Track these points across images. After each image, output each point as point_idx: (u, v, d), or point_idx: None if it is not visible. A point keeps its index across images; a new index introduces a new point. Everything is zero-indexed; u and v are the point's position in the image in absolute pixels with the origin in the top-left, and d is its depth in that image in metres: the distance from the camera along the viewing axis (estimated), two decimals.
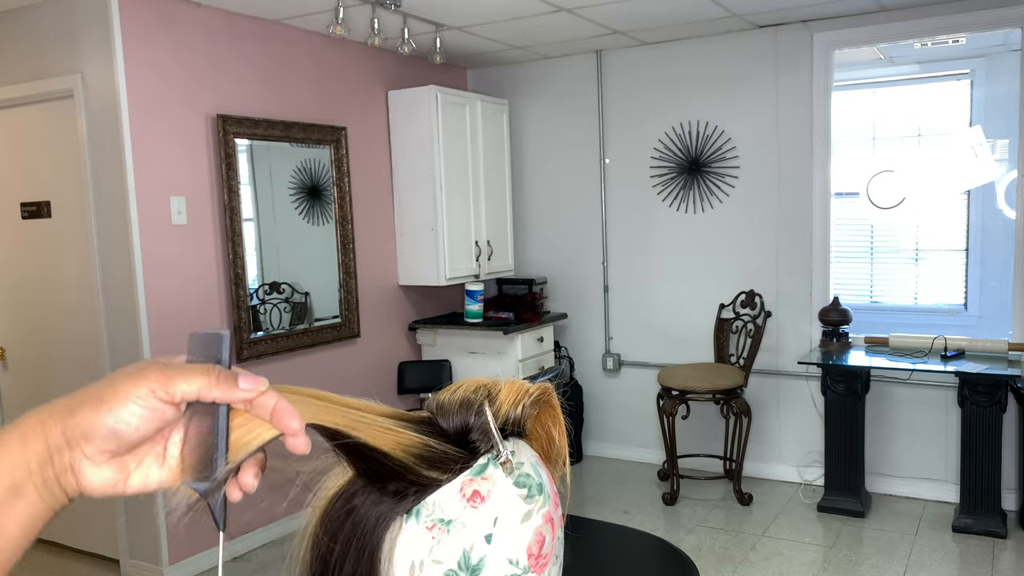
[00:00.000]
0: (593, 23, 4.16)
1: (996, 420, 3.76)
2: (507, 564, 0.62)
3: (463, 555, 0.60)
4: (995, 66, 5.24)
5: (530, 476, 0.64)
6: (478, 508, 0.61)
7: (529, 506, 0.63)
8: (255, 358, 3.81)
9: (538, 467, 0.65)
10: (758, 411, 4.53)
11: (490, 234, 4.88)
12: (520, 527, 0.62)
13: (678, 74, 4.66)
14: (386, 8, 3.66)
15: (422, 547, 0.60)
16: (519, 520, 0.63)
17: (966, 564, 3.56)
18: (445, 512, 0.60)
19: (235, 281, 3.72)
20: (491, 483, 0.62)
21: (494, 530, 0.61)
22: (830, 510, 4.11)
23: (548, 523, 0.64)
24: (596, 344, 5.06)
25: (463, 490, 0.61)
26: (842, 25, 4.21)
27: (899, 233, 5.77)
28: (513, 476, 0.63)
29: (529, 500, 0.63)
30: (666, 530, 4.00)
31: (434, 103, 4.44)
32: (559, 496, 0.67)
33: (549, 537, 0.64)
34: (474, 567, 0.60)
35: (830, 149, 4.36)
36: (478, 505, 0.61)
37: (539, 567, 0.63)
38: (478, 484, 0.61)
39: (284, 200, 4.07)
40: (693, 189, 4.68)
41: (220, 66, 3.65)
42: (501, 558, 0.61)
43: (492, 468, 0.62)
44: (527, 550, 0.63)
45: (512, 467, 0.63)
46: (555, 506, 0.66)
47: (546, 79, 5.07)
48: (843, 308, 4.26)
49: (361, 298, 4.42)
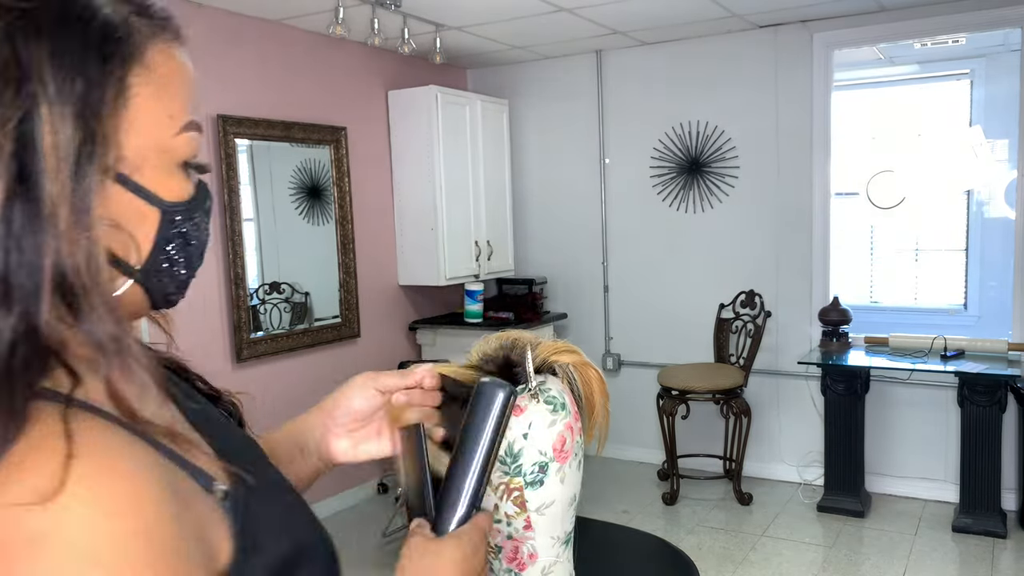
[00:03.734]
0: (593, 23, 4.16)
1: (996, 420, 3.76)
2: (538, 454, 0.87)
3: (508, 446, 0.86)
4: (995, 66, 5.24)
5: (556, 398, 0.90)
6: (518, 417, 0.87)
7: (554, 416, 0.88)
8: (255, 358, 3.81)
9: (563, 393, 0.91)
10: (758, 411, 4.53)
11: (490, 234, 4.88)
12: (548, 430, 0.88)
13: (678, 74, 4.66)
14: (386, 8, 3.66)
15: None
16: (547, 425, 0.88)
17: (966, 564, 3.56)
18: None
19: (235, 281, 3.72)
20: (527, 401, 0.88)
21: (529, 431, 0.87)
22: (830, 510, 4.11)
23: (568, 430, 0.90)
24: (596, 344, 5.05)
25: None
26: (842, 25, 4.21)
27: (899, 233, 5.78)
28: (543, 396, 0.89)
29: (554, 413, 0.89)
30: (666, 530, 4.00)
31: (434, 103, 4.44)
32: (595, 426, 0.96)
33: (569, 439, 0.90)
34: (515, 454, 0.86)
35: (830, 149, 4.36)
36: (518, 415, 0.87)
37: (562, 458, 0.89)
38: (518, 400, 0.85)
39: (284, 200, 4.07)
40: (693, 189, 4.68)
41: (220, 66, 3.65)
42: (534, 450, 0.87)
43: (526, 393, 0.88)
44: (552, 446, 0.88)
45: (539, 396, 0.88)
46: (575, 419, 0.91)
47: (546, 79, 5.07)
48: (843, 308, 4.26)
49: (361, 298, 4.42)
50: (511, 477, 0.87)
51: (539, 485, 0.87)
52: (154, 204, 0.59)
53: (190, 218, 0.63)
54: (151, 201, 0.59)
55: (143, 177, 0.59)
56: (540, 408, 0.88)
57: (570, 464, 0.90)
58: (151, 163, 0.59)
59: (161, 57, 0.60)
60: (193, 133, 0.62)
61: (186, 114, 0.62)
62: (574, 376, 0.95)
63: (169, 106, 0.60)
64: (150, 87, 0.58)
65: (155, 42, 0.60)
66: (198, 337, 3.57)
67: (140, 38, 0.58)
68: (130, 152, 0.57)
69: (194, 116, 0.63)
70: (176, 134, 0.60)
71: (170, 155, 0.60)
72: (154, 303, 0.64)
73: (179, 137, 0.61)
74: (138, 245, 0.59)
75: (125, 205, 0.58)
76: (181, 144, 0.61)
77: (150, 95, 0.58)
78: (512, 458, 0.86)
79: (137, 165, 0.58)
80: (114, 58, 0.56)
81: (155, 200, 0.59)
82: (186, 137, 0.61)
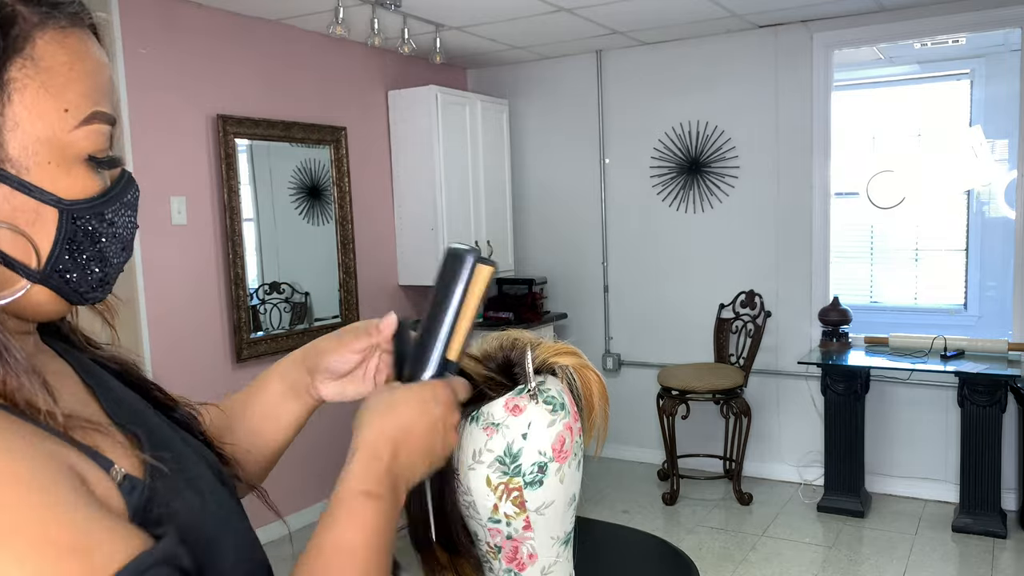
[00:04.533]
0: (593, 23, 4.16)
1: (996, 420, 3.76)
2: (537, 454, 0.87)
3: (507, 446, 0.86)
4: (995, 66, 5.24)
5: (555, 397, 0.89)
6: (517, 416, 0.87)
7: (554, 416, 0.88)
8: (255, 358, 3.81)
9: (563, 393, 0.91)
10: (758, 411, 4.53)
11: (490, 234, 4.89)
12: (547, 430, 0.87)
13: (678, 74, 4.66)
14: (386, 8, 3.66)
15: (480, 441, 0.86)
16: (546, 425, 0.87)
17: (966, 564, 3.56)
18: (495, 418, 0.86)
19: (235, 281, 3.72)
20: (526, 401, 0.88)
21: (528, 431, 0.86)
22: (830, 510, 4.11)
23: (568, 430, 0.89)
24: (596, 344, 5.05)
25: (507, 404, 0.87)
26: (842, 25, 4.21)
27: (899, 233, 5.78)
28: (542, 396, 0.88)
29: (554, 413, 0.88)
30: (666, 530, 4.00)
31: (434, 103, 4.44)
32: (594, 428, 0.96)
33: (569, 439, 0.89)
34: (514, 454, 0.86)
35: (830, 149, 4.36)
36: (517, 414, 0.87)
37: (561, 458, 0.88)
38: (517, 400, 0.87)
39: (284, 200, 4.07)
40: (693, 189, 4.68)
41: (220, 66, 3.65)
42: (533, 450, 0.86)
43: (525, 393, 0.88)
44: (552, 446, 0.87)
45: (538, 396, 0.88)
46: (574, 419, 0.91)
47: (546, 79, 5.07)
48: (843, 308, 4.26)
49: (361, 298, 4.42)
50: (510, 477, 0.86)
51: (538, 485, 0.87)
52: (49, 203, 0.57)
53: (98, 215, 0.60)
54: (45, 200, 0.57)
55: (32, 175, 0.56)
56: (539, 408, 0.87)
57: (569, 464, 0.90)
58: (43, 160, 0.57)
59: (52, 47, 0.56)
60: (98, 125, 0.59)
61: (89, 106, 0.59)
62: (574, 378, 0.95)
63: (63, 99, 0.57)
64: (37, 79, 0.56)
65: (44, 30, 0.56)
66: (198, 337, 3.57)
67: (24, 27, 0.55)
68: (15, 150, 0.55)
69: (102, 107, 0.60)
70: (74, 128, 0.58)
71: (68, 150, 0.58)
72: (70, 301, 0.62)
73: (78, 131, 0.58)
74: (36, 247, 0.57)
75: (18, 206, 0.56)
76: (80, 138, 0.58)
77: (37, 88, 0.56)
78: (511, 458, 0.86)
79: (25, 164, 0.56)
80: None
81: (50, 199, 0.57)
82: (88, 130, 0.59)
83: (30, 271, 0.58)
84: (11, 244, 0.57)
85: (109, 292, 0.65)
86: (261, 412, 0.90)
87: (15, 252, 0.57)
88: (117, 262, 0.63)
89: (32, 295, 0.59)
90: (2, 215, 0.56)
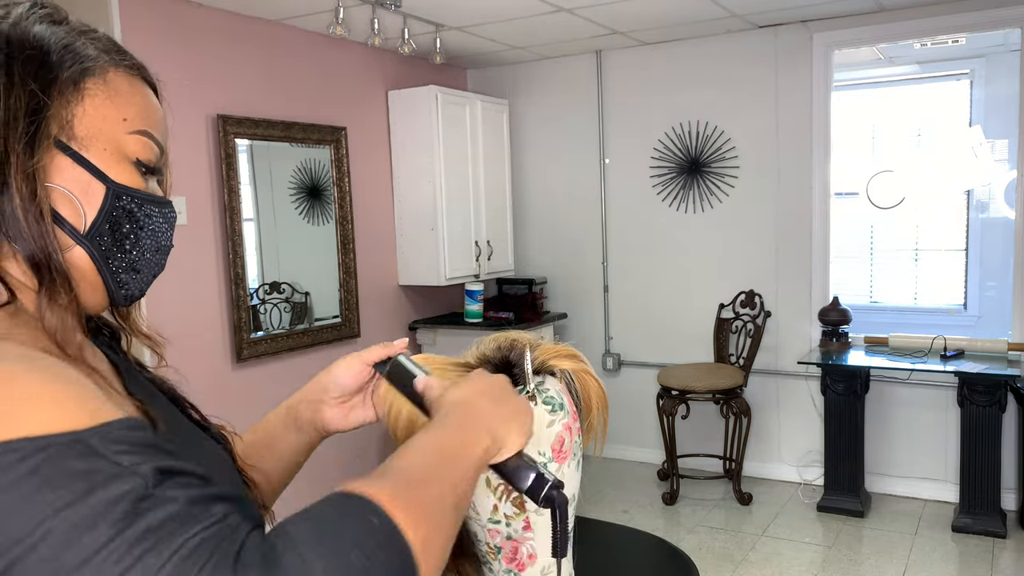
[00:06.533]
0: (593, 23, 4.16)
1: (996, 420, 3.76)
2: (537, 455, 0.87)
3: None
4: (995, 66, 5.24)
5: (554, 398, 0.90)
6: None
7: (552, 417, 0.88)
8: (255, 358, 3.81)
9: (561, 394, 0.91)
10: (758, 411, 4.53)
11: (490, 234, 4.89)
12: (546, 430, 0.88)
13: (678, 74, 4.66)
14: (386, 8, 3.66)
15: None
16: (545, 426, 0.87)
17: (966, 564, 3.57)
18: None
19: (235, 281, 3.72)
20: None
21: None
22: (830, 510, 4.12)
23: (567, 430, 0.90)
24: (596, 344, 5.06)
25: None
26: (842, 25, 4.21)
27: (899, 233, 5.78)
28: (541, 396, 0.89)
29: (552, 413, 0.88)
30: (666, 530, 4.00)
31: (434, 103, 4.44)
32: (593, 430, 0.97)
33: (568, 439, 0.90)
34: None
35: (830, 149, 4.36)
36: None
37: (560, 458, 0.89)
38: None
39: (284, 200, 4.07)
40: (693, 189, 4.69)
41: (220, 66, 3.65)
42: (532, 450, 0.85)
43: (524, 394, 0.88)
44: (551, 446, 0.88)
45: (537, 397, 0.89)
46: (573, 419, 0.91)
47: (546, 79, 5.07)
48: (843, 308, 4.27)
49: (361, 298, 4.42)
50: None
51: None
52: (99, 178, 0.69)
53: (141, 205, 0.72)
54: (96, 175, 0.69)
55: (91, 155, 0.69)
56: (538, 408, 0.88)
57: (569, 464, 0.90)
58: (100, 146, 0.69)
59: (120, 79, 0.72)
60: (147, 140, 0.73)
61: (143, 124, 0.73)
62: (573, 381, 0.95)
63: (123, 111, 0.71)
64: (105, 92, 0.70)
65: (117, 68, 0.72)
66: (198, 337, 3.57)
67: (101, 63, 0.71)
68: (80, 131, 0.68)
69: (154, 131, 0.74)
70: (128, 133, 0.71)
71: (121, 148, 0.71)
72: (111, 296, 0.73)
73: (131, 136, 0.72)
74: (85, 212, 0.69)
75: (76, 177, 0.68)
76: (132, 142, 0.72)
77: (104, 98, 0.70)
78: None
79: (86, 144, 0.68)
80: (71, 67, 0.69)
81: (100, 175, 0.69)
82: (139, 139, 0.72)
83: (76, 233, 0.69)
84: (65, 207, 0.68)
85: (139, 293, 0.75)
86: (261, 442, 0.96)
87: (67, 214, 0.68)
88: (148, 256, 0.75)
89: (77, 263, 0.69)
90: (62, 181, 0.68)
